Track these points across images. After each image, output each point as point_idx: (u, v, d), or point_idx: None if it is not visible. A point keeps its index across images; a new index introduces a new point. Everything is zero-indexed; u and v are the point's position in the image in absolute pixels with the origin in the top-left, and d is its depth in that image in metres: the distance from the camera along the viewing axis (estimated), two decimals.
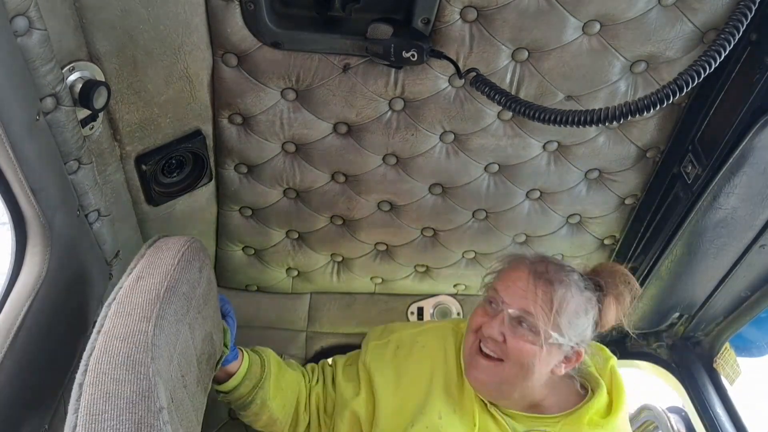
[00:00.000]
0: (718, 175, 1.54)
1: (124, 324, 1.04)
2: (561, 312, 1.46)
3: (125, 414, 0.92)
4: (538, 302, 1.47)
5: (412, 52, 1.39)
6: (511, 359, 1.49)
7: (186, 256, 1.26)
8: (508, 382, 1.53)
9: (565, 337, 1.47)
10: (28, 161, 1.10)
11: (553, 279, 1.50)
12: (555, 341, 1.46)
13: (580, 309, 1.50)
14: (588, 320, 1.51)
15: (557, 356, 1.52)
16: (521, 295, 1.50)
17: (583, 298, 1.51)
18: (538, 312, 1.47)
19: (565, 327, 1.47)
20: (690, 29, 1.41)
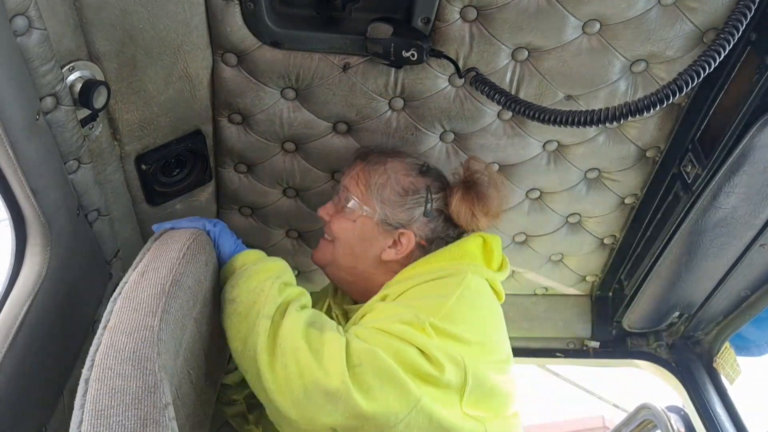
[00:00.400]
0: (718, 175, 1.54)
1: (130, 319, 1.04)
2: (372, 186, 1.49)
3: (131, 410, 0.92)
4: (353, 177, 1.54)
5: (411, 52, 1.39)
6: (336, 237, 1.54)
7: (192, 249, 1.26)
8: (337, 263, 1.55)
9: (378, 211, 1.48)
10: (27, 161, 1.11)
11: (373, 159, 1.54)
12: (365, 213, 1.49)
13: (398, 187, 1.49)
14: (413, 201, 1.49)
15: (381, 237, 1.50)
16: (346, 174, 1.58)
17: (405, 179, 1.50)
18: (351, 185, 1.53)
19: (377, 200, 1.49)
20: (690, 29, 1.41)
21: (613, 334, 2.29)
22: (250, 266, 1.32)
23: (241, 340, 1.26)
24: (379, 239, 1.50)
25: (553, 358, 2.31)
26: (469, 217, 1.50)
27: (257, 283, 1.29)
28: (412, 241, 1.49)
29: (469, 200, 1.50)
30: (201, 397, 1.28)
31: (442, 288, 1.38)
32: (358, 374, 1.16)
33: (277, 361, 1.20)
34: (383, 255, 1.50)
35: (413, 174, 1.52)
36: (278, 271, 1.33)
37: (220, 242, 1.40)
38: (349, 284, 1.60)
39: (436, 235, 1.52)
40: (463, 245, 1.50)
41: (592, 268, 2.15)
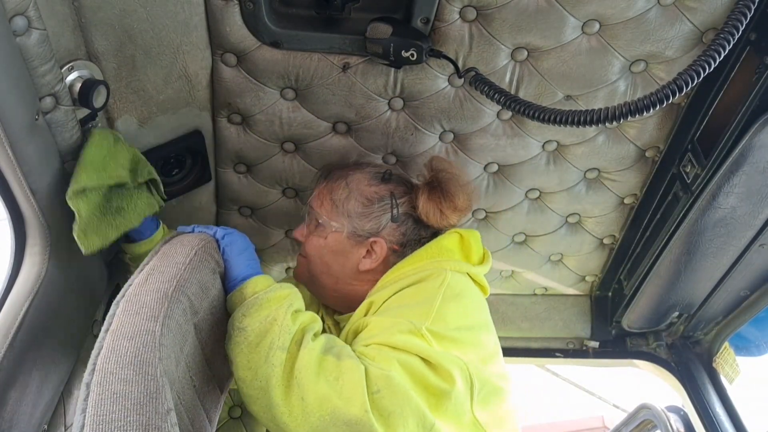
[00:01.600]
0: (718, 175, 1.54)
1: (132, 323, 1.03)
2: (337, 202, 1.52)
3: (132, 415, 0.91)
4: (317, 197, 1.57)
5: (411, 52, 1.39)
6: (310, 256, 1.56)
7: (199, 255, 1.24)
8: (317, 281, 1.58)
9: (346, 225, 1.50)
10: (27, 161, 1.11)
11: (334, 175, 1.57)
12: (336, 229, 1.51)
13: (360, 197, 1.51)
14: (378, 209, 1.50)
15: (355, 249, 1.51)
16: (313, 194, 1.60)
17: (368, 189, 1.52)
18: (316, 204, 1.56)
19: (343, 214, 1.50)
20: (689, 29, 1.41)
21: (613, 334, 2.30)
22: (261, 294, 1.28)
23: (251, 370, 1.22)
24: (352, 252, 1.52)
25: (552, 358, 2.31)
26: (438, 216, 1.51)
27: (268, 312, 1.25)
28: (384, 248, 1.50)
29: (435, 199, 1.51)
30: (205, 403, 1.28)
31: (424, 291, 1.38)
32: (377, 401, 1.14)
33: (293, 394, 1.17)
34: (360, 265, 1.51)
35: (375, 183, 1.53)
36: (290, 299, 1.30)
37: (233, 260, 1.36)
38: (334, 299, 1.61)
39: (408, 238, 1.53)
40: (439, 243, 1.51)
41: (592, 268, 2.15)
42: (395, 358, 1.21)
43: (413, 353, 1.22)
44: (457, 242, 1.53)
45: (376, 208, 1.51)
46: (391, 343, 1.24)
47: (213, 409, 1.33)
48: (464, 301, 1.40)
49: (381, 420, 1.13)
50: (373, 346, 1.25)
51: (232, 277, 1.35)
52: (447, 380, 1.21)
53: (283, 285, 1.32)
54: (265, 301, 1.26)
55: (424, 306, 1.32)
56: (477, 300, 1.46)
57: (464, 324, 1.34)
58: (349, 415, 1.13)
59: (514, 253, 2.05)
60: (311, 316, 1.32)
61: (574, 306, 2.29)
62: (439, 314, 1.30)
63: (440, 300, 1.33)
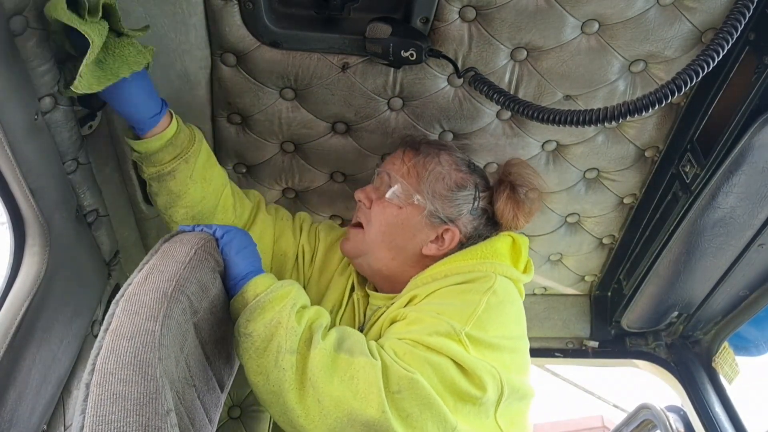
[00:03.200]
0: (717, 175, 1.54)
1: (131, 323, 1.03)
2: (425, 177, 1.45)
3: (132, 416, 0.91)
4: (403, 164, 1.49)
5: (410, 52, 1.39)
6: (372, 221, 1.47)
7: (199, 254, 1.23)
8: (373, 254, 1.49)
9: (428, 202, 1.43)
10: (26, 161, 1.11)
11: (423, 149, 1.50)
12: (418, 202, 1.44)
13: (451, 181, 1.46)
14: (462, 197, 1.46)
15: (425, 230, 1.46)
16: (391, 161, 1.52)
17: (457, 174, 1.47)
18: (401, 172, 1.47)
19: (428, 192, 1.44)
20: (688, 28, 1.41)
21: (612, 333, 2.30)
22: (263, 297, 1.24)
23: (262, 375, 1.19)
24: (423, 232, 1.46)
25: (552, 358, 2.31)
26: (511, 218, 1.49)
27: (272, 315, 1.22)
28: (456, 238, 1.46)
29: (513, 201, 1.48)
30: (205, 402, 1.27)
31: (470, 293, 1.34)
32: (397, 401, 1.13)
33: (308, 396, 1.15)
34: (424, 249, 1.46)
35: (463, 170, 1.49)
36: (293, 298, 1.26)
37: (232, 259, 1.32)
38: (380, 277, 1.53)
39: (477, 234, 1.49)
40: (493, 244, 1.47)
41: (591, 268, 2.15)
42: (427, 359, 1.19)
43: (447, 356, 1.20)
44: (509, 246, 1.49)
45: (460, 195, 1.46)
46: (427, 343, 1.21)
47: (213, 409, 1.33)
48: (507, 309, 1.37)
49: (399, 420, 1.12)
50: (407, 341, 1.23)
51: (232, 276, 1.32)
52: (478, 387, 1.20)
53: (284, 283, 1.29)
54: (267, 303, 1.23)
55: (467, 308, 1.29)
56: (519, 309, 1.43)
57: (504, 333, 1.31)
58: (366, 416, 1.11)
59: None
60: (317, 311, 1.29)
61: (574, 306, 2.29)
62: (481, 320, 1.28)
63: (484, 305, 1.30)
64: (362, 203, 1.52)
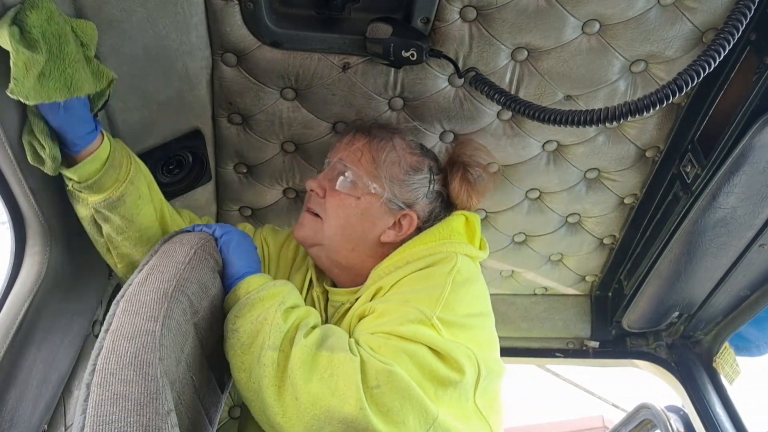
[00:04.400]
0: (718, 175, 1.54)
1: (132, 323, 1.03)
2: (381, 162, 1.42)
3: (133, 416, 0.91)
4: (356, 152, 1.44)
5: (411, 52, 1.39)
6: (329, 214, 1.43)
7: (198, 254, 1.23)
8: (330, 243, 1.44)
9: (386, 189, 1.41)
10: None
11: (375, 133, 1.46)
12: (374, 191, 1.41)
13: (406, 165, 1.43)
14: (418, 180, 1.44)
15: (384, 218, 1.43)
16: (342, 148, 1.47)
17: (411, 157, 1.45)
18: (353, 160, 1.43)
19: (385, 177, 1.41)
20: (689, 29, 1.41)
21: (613, 334, 2.29)
22: (253, 294, 1.23)
23: (245, 372, 1.19)
24: (382, 219, 1.43)
25: (552, 358, 2.31)
26: (466, 199, 1.48)
27: (259, 311, 1.21)
28: (414, 223, 1.44)
29: (467, 182, 1.48)
30: (205, 403, 1.28)
31: (434, 276, 1.34)
32: (377, 396, 1.11)
33: (287, 394, 1.14)
34: (383, 237, 1.43)
35: (417, 152, 1.48)
36: (282, 297, 1.24)
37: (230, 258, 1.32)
38: (339, 269, 1.49)
39: (433, 216, 1.48)
40: (449, 224, 1.45)
41: (592, 268, 2.15)
42: (402, 349, 1.18)
43: (422, 343, 1.20)
44: (463, 225, 1.48)
45: (416, 179, 1.44)
46: (400, 333, 1.21)
47: (213, 409, 1.33)
48: (472, 287, 1.36)
49: (379, 416, 1.11)
50: (380, 335, 1.22)
51: (229, 275, 1.32)
52: (456, 370, 1.20)
53: (277, 282, 1.28)
54: (257, 300, 1.23)
55: (433, 292, 1.29)
56: (483, 286, 1.43)
57: (472, 311, 1.32)
58: (344, 413, 1.10)
59: (514, 253, 2.05)
60: (306, 310, 1.28)
61: (574, 306, 2.28)
62: (448, 301, 1.27)
63: (450, 286, 1.30)
64: (315, 192, 1.46)
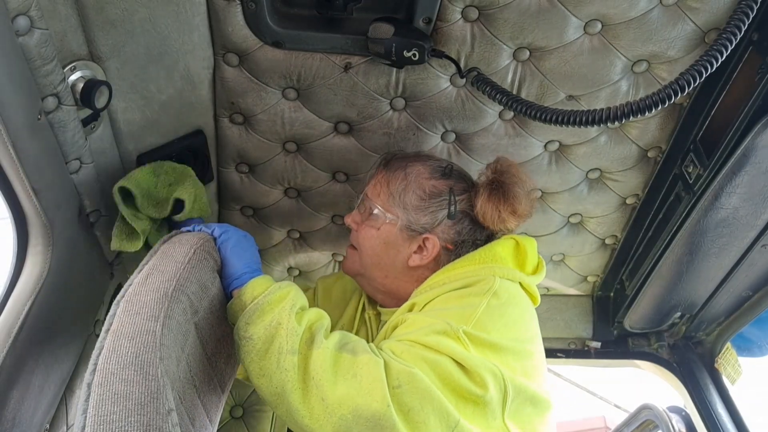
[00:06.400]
0: (720, 175, 1.54)
1: (132, 323, 1.03)
2: (394, 192, 1.48)
3: (134, 416, 0.91)
4: (374, 185, 1.53)
5: (413, 52, 1.39)
6: (362, 245, 1.53)
7: (198, 254, 1.24)
8: (366, 272, 1.54)
9: (400, 217, 1.46)
10: (29, 161, 1.11)
11: (393, 165, 1.53)
12: (389, 220, 1.47)
13: (420, 191, 1.47)
14: (436, 204, 1.46)
15: (406, 244, 1.48)
16: (368, 183, 1.57)
17: (428, 182, 1.48)
18: (372, 193, 1.52)
19: (399, 206, 1.47)
20: (691, 29, 1.41)
21: (615, 334, 2.29)
22: (261, 299, 1.24)
23: (265, 377, 1.19)
24: (404, 246, 1.48)
25: (554, 359, 2.31)
26: (496, 218, 1.46)
27: (271, 317, 1.22)
28: (437, 246, 1.46)
29: (495, 200, 1.45)
30: (206, 403, 1.28)
31: (469, 296, 1.34)
32: (398, 396, 1.12)
33: (312, 396, 1.15)
34: (409, 261, 1.48)
35: (435, 177, 1.49)
36: (291, 299, 1.26)
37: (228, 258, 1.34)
38: (382, 293, 1.57)
39: (463, 238, 1.49)
40: (492, 248, 1.46)
41: (594, 269, 2.15)
42: (423, 357, 1.19)
43: (445, 354, 1.20)
44: (511, 249, 1.48)
45: (433, 203, 1.46)
46: (424, 342, 1.22)
47: (214, 409, 1.33)
48: (510, 310, 1.35)
49: (401, 415, 1.12)
50: (405, 342, 1.24)
51: (227, 275, 1.33)
52: (479, 385, 1.19)
53: (282, 285, 1.29)
54: (265, 305, 1.24)
55: (466, 310, 1.29)
56: (525, 310, 1.41)
57: (506, 332, 1.29)
58: (371, 410, 1.11)
59: None
60: (317, 313, 1.29)
61: (576, 306, 2.28)
62: (481, 321, 1.27)
63: (484, 307, 1.29)
64: (352, 226, 1.57)
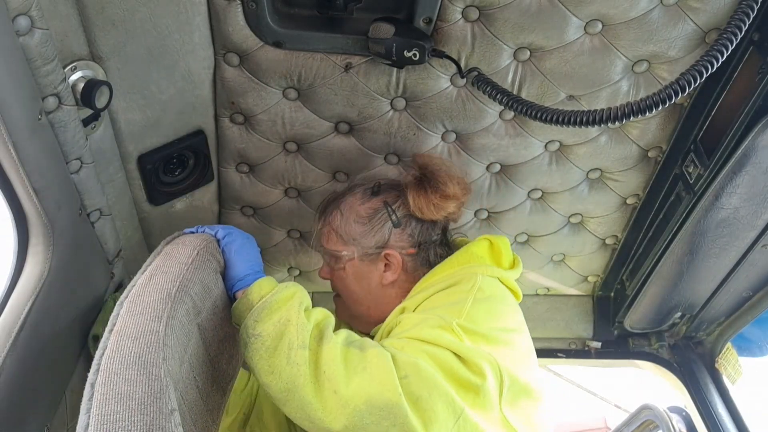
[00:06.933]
0: (720, 175, 1.54)
1: (136, 323, 1.04)
2: (339, 231, 1.55)
3: (137, 415, 0.91)
4: (322, 235, 1.60)
5: (413, 52, 1.39)
6: (341, 290, 1.60)
7: (201, 255, 1.25)
8: (355, 312, 1.60)
9: (354, 249, 1.53)
10: (30, 160, 1.11)
11: (328, 209, 1.60)
12: (346, 256, 1.54)
13: (357, 218, 1.53)
14: (377, 221, 1.52)
15: (372, 269, 1.54)
16: (319, 237, 1.62)
17: (361, 208, 1.54)
18: (324, 241, 1.59)
19: (348, 240, 1.53)
20: (692, 29, 1.41)
21: (615, 334, 2.29)
22: (269, 298, 1.26)
23: (274, 374, 1.20)
24: (372, 271, 1.54)
25: (554, 359, 2.31)
26: (432, 208, 1.51)
27: (281, 314, 1.24)
28: (398, 256, 1.52)
29: (423, 192, 1.51)
30: (208, 404, 1.28)
31: (455, 294, 1.39)
32: (405, 386, 1.15)
33: (325, 389, 1.17)
34: (383, 280, 1.53)
35: (366, 199, 1.56)
36: (298, 297, 1.28)
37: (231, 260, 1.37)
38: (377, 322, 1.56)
39: (419, 239, 1.54)
40: (468, 250, 1.52)
41: (594, 269, 2.15)
42: (424, 350, 1.22)
43: (443, 347, 1.23)
44: (486, 248, 1.54)
45: (375, 222, 1.53)
46: (422, 337, 1.25)
47: (216, 409, 1.33)
48: (496, 303, 1.41)
49: (411, 404, 1.14)
50: (404, 338, 1.28)
51: (230, 276, 1.35)
52: (478, 374, 1.22)
53: (288, 285, 1.31)
54: (274, 303, 1.25)
55: (455, 306, 1.34)
56: (509, 303, 1.47)
57: (496, 325, 1.34)
58: (384, 399, 1.14)
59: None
60: (323, 312, 1.32)
61: (577, 306, 2.28)
62: (471, 314, 1.32)
63: (471, 301, 1.34)
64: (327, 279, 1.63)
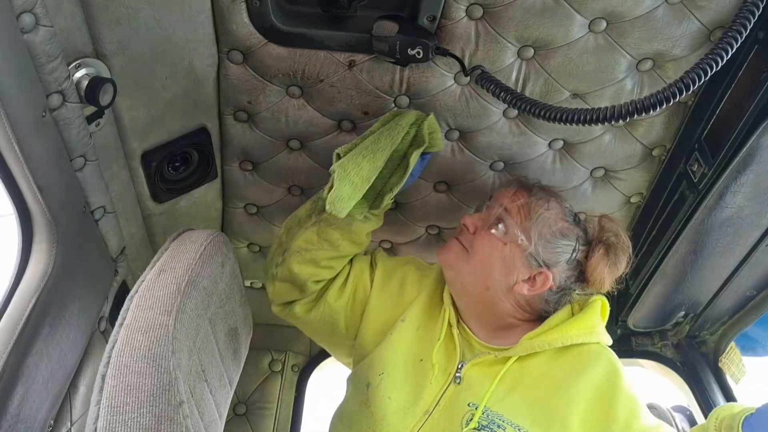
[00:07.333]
0: (725, 174, 1.54)
1: (146, 317, 1.06)
2: (534, 219, 1.51)
3: (146, 407, 0.94)
4: (515, 202, 1.55)
5: (417, 50, 1.39)
6: (476, 250, 1.55)
7: (209, 250, 1.27)
8: (465, 277, 1.56)
9: (531, 244, 1.49)
10: (34, 158, 1.11)
11: (536, 193, 1.57)
12: (521, 242, 1.50)
13: (555, 228, 1.52)
14: (563, 245, 1.52)
15: (521, 269, 1.51)
16: (504, 195, 1.58)
17: (562, 223, 1.53)
18: (513, 210, 1.54)
19: (534, 234, 1.50)
20: (697, 27, 1.41)
21: (618, 333, 2.29)
22: None
23: None
24: (519, 270, 1.51)
25: None
26: (600, 278, 1.53)
27: None
28: (547, 283, 1.50)
29: (606, 261, 1.52)
30: (216, 397, 1.29)
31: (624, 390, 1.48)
32: None
33: None
34: (516, 287, 1.52)
35: (567, 220, 1.55)
36: None
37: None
38: (467, 301, 1.59)
39: (566, 285, 1.55)
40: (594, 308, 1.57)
41: None
42: None
43: None
44: (606, 311, 1.61)
45: (561, 243, 1.52)
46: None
47: (223, 404, 1.35)
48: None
49: None
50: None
51: None
52: None
53: None
54: None
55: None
56: None
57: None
58: None
59: None
60: None
61: None
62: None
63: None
64: (466, 228, 1.59)
